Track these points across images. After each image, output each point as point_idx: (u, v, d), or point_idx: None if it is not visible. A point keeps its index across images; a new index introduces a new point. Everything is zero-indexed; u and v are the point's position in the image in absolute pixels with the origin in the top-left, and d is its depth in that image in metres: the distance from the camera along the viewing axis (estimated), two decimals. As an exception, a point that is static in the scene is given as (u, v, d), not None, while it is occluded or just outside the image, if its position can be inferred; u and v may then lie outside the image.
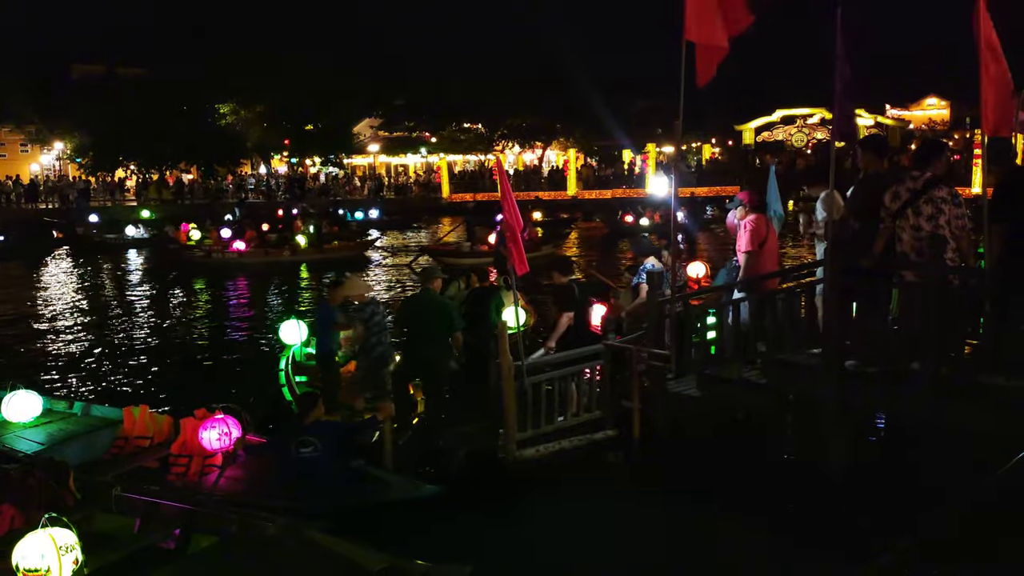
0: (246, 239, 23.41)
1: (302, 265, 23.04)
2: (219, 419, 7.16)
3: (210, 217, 29.67)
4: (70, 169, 47.93)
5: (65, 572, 4.45)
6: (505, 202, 7.60)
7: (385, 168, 59.74)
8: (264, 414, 8.63)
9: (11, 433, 7.75)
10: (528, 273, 7.78)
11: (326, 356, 8.87)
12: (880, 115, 54.35)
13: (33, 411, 8.06)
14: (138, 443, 7.53)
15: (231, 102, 44.18)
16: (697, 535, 6.08)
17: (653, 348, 7.30)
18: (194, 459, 7.09)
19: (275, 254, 23.08)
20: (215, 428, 7.11)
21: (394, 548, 4.85)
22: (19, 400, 8.01)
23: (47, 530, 4.48)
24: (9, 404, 7.97)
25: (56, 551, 4.43)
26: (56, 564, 4.42)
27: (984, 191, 7.21)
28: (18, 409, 7.98)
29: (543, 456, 7.36)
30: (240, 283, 21.04)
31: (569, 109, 47.57)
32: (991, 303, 6.01)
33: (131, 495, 5.60)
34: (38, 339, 14.42)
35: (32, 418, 8.02)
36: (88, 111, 40.64)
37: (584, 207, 37.20)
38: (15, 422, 7.93)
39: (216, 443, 7.06)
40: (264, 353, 13.45)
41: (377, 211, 37.35)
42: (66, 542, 4.49)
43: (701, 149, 54.05)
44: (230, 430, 7.12)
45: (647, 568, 5.78)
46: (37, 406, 8.10)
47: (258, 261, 22.71)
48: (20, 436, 7.67)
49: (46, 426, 7.93)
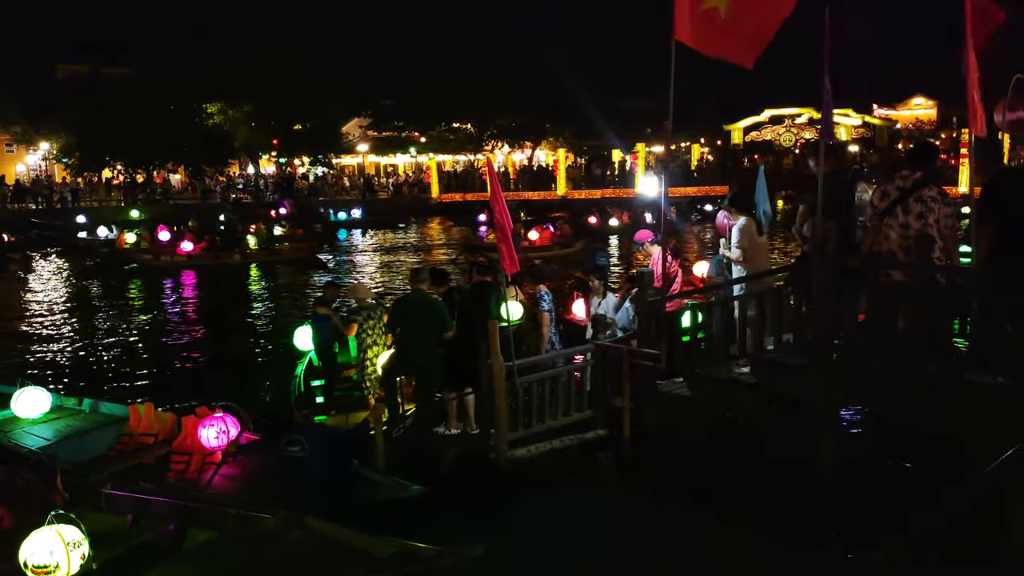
0: (196, 244, 23.22)
1: (252, 266, 23.07)
2: (218, 417, 7.24)
3: (204, 216, 29.56)
4: (56, 170, 47.55)
5: (73, 567, 4.51)
6: (495, 202, 7.61)
7: (375, 168, 59.60)
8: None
9: (20, 429, 7.90)
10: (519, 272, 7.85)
11: (327, 359, 8.98)
12: (867, 115, 54.67)
13: (42, 407, 8.21)
14: (142, 440, 7.63)
15: (218, 102, 43.97)
16: (688, 535, 6.09)
17: (644, 348, 7.32)
18: (194, 457, 7.16)
19: (225, 256, 22.98)
20: (213, 426, 7.18)
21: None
22: (28, 396, 8.17)
23: (54, 526, 4.53)
24: (18, 400, 8.13)
25: (64, 547, 4.49)
26: (65, 560, 4.49)
27: (971, 190, 7.26)
28: (27, 405, 8.14)
29: (534, 456, 7.36)
30: (191, 284, 21.19)
31: (558, 109, 47.61)
32: (978, 302, 6.06)
33: (121, 493, 5.58)
34: (35, 339, 14.41)
35: (41, 414, 8.17)
36: (74, 111, 40.34)
37: (575, 207, 37.23)
38: (24, 418, 8.09)
39: (214, 441, 7.13)
40: (256, 352, 13.46)
41: (360, 211, 37.30)
42: (74, 538, 4.55)
43: (691, 149, 54.22)
44: (228, 428, 7.20)
45: (637, 568, 5.79)
46: (46, 402, 8.26)
47: (207, 263, 22.59)
48: (28, 432, 7.81)
49: (54, 422, 8.08)
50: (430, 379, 7.92)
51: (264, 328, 15.94)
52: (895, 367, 6.14)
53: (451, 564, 4.48)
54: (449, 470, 7.36)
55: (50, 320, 16.31)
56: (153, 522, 5.35)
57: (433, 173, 47.67)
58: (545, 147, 54.77)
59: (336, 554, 4.77)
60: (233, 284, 21.03)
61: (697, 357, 7.47)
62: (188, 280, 21.70)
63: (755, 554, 5.76)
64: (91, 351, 13.61)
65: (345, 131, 52.59)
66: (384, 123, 54.03)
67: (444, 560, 4.50)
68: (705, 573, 5.74)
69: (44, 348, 13.88)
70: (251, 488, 6.57)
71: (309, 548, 4.87)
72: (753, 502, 6.29)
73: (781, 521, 6.03)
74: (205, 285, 21.14)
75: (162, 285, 20.71)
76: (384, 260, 25.86)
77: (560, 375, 7.82)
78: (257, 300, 19.46)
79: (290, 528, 5.00)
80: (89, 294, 19.94)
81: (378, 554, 4.62)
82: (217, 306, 18.69)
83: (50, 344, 14.17)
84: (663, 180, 8.12)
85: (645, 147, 46.16)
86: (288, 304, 17.98)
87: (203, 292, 20.60)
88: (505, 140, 54.33)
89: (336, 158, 53.35)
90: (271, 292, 20.49)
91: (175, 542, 5.16)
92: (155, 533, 5.24)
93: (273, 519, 5.09)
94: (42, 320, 16.30)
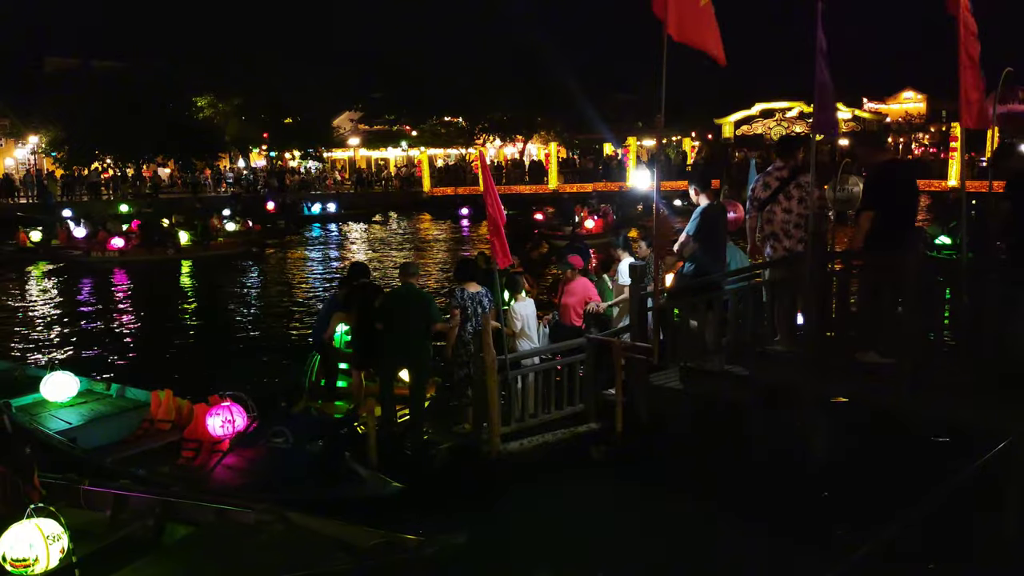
0: (129, 240, 22.86)
1: (185, 262, 22.90)
2: (224, 406, 7.31)
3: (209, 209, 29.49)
4: (45, 163, 47.23)
5: (53, 561, 4.47)
6: (488, 196, 7.60)
7: (366, 162, 59.40)
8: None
9: (47, 411, 8.21)
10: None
11: (325, 344, 8.95)
12: (857, 108, 54.75)
13: (70, 391, 8.50)
14: (160, 426, 7.77)
15: (208, 95, 43.72)
16: (679, 528, 6.12)
17: (636, 341, 7.33)
18: (203, 444, 7.24)
19: (159, 252, 22.84)
20: (219, 415, 7.25)
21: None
22: (56, 380, 8.46)
23: (33, 520, 4.49)
24: (47, 384, 8.42)
25: (43, 540, 4.46)
26: (44, 553, 4.46)
27: (961, 184, 7.29)
28: (55, 389, 8.43)
29: (527, 450, 7.37)
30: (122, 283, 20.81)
31: (549, 103, 47.53)
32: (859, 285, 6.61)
33: (99, 489, 5.58)
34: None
35: (69, 398, 8.47)
36: (62, 104, 40.05)
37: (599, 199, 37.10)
38: (52, 401, 8.39)
39: (219, 430, 7.20)
40: (252, 340, 13.42)
41: (335, 205, 37.08)
42: (53, 531, 4.52)
43: (682, 143, 54.20)
44: (233, 418, 7.25)
45: (630, 560, 5.81)
46: (74, 386, 8.56)
47: (140, 259, 22.42)
48: (54, 415, 8.11)
49: (80, 406, 8.37)
50: (422, 372, 7.91)
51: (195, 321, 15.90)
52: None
53: (433, 553, 4.52)
54: (442, 464, 7.35)
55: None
56: (132, 518, 5.36)
57: (425, 167, 47.55)
58: (536, 141, 54.69)
59: (319, 546, 4.79)
60: (166, 282, 20.73)
61: (688, 350, 7.48)
62: (120, 279, 21.15)
63: (747, 547, 5.78)
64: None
65: (336, 124, 52.39)
66: (375, 116, 53.81)
67: (426, 549, 4.54)
68: (696, 566, 5.76)
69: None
70: (249, 479, 6.57)
71: (291, 541, 4.88)
72: (744, 495, 6.31)
73: (772, 514, 6.05)
74: (139, 283, 20.50)
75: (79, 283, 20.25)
76: (343, 255, 25.78)
77: (551, 369, 7.83)
78: (185, 298, 19.14)
79: (271, 522, 5.00)
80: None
81: (361, 545, 4.65)
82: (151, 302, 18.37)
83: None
84: (655, 174, 8.10)
85: (636, 141, 46.16)
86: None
87: (138, 290, 19.91)
88: (496, 134, 54.23)
89: (327, 152, 53.12)
90: (197, 290, 20.24)
91: (154, 536, 5.17)
92: (133, 528, 5.24)
93: (254, 513, 5.09)
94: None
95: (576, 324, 8.70)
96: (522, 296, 8.35)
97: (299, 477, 6.33)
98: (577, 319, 8.72)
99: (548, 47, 44.31)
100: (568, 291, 8.81)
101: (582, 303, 8.73)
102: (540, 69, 45.10)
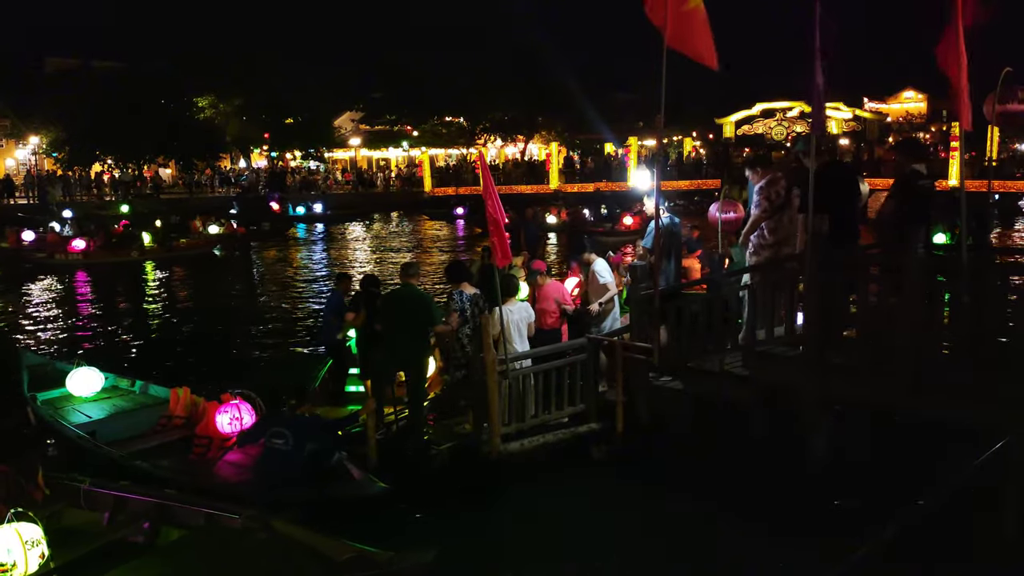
0: (90, 241, 22.81)
1: (148, 264, 22.86)
2: (233, 403, 7.41)
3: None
4: (46, 164, 47.26)
5: (31, 566, 4.46)
6: (488, 196, 7.59)
7: (367, 162, 59.40)
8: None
9: (71, 406, 8.39)
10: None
11: (335, 344, 9.00)
12: (858, 108, 54.74)
13: (94, 387, 8.68)
14: (177, 422, 7.91)
15: (209, 95, 43.72)
16: (679, 528, 6.12)
17: (636, 342, 7.32)
18: (213, 441, 7.34)
19: (122, 254, 22.77)
20: (227, 412, 7.37)
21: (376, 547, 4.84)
22: (81, 376, 8.64)
23: (12, 525, 4.47)
24: (72, 379, 8.60)
25: (22, 545, 4.44)
26: (23, 558, 4.44)
27: (961, 183, 7.30)
28: (80, 384, 8.64)
29: (527, 450, 7.37)
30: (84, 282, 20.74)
31: (550, 102, 47.49)
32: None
33: (99, 490, 5.62)
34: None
35: (93, 393, 8.68)
36: (63, 105, 40.05)
37: (567, 201, 37.15)
38: (77, 396, 8.60)
39: (228, 427, 7.30)
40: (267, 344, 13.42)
41: (321, 205, 36.94)
42: (32, 536, 4.50)
43: (682, 143, 54.15)
44: (241, 415, 7.35)
45: (630, 560, 5.81)
46: (98, 382, 8.74)
47: (103, 261, 22.36)
48: (77, 409, 8.29)
49: (104, 401, 8.55)
50: (421, 372, 7.90)
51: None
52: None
53: (402, 569, 4.56)
54: (442, 464, 7.35)
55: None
56: (129, 519, 5.41)
57: (426, 167, 47.50)
58: (538, 141, 54.67)
59: (297, 556, 4.83)
60: (129, 282, 20.68)
61: (689, 350, 7.48)
62: (81, 277, 21.04)
63: (747, 547, 5.78)
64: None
65: (337, 125, 52.37)
66: (376, 116, 53.78)
67: (396, 565, 4.58)
68: (696, 566, 5.76)
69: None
70: (247, 477, 6.60)
71: (272, 549, 4.92)
72: (744, 495, 6.32)
73: (772, 514, 6.06)
74: (101, 284, 20.36)
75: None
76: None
77: (552, 369, 7.82)
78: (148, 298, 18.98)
79: (256, 529, 5.05)
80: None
81: (335, 558, 4.70)
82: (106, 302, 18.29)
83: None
84: (655, 173, 8.10)
85: (637, 141, 46.12)
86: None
87: (100, 291, 19.82)
88: (497, 134, 54.20)
89: (328, 152, 53.12)
90: (159, 289, 20.17)
91: (149, 539, 5.22)
92: (130, 530, 5.28)
93: (241, 519, 5.14)
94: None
95: (552, 326, 8.98)
96: (515, 299, 8.34)
97: (295, 477, 6.33)
98: (553, 322, 9.02)
99: (548, 47, 44.34)
100: (540, 296, 9.06)
101: (554, 305, 8.97)
102: (540, 69, 45.08)
